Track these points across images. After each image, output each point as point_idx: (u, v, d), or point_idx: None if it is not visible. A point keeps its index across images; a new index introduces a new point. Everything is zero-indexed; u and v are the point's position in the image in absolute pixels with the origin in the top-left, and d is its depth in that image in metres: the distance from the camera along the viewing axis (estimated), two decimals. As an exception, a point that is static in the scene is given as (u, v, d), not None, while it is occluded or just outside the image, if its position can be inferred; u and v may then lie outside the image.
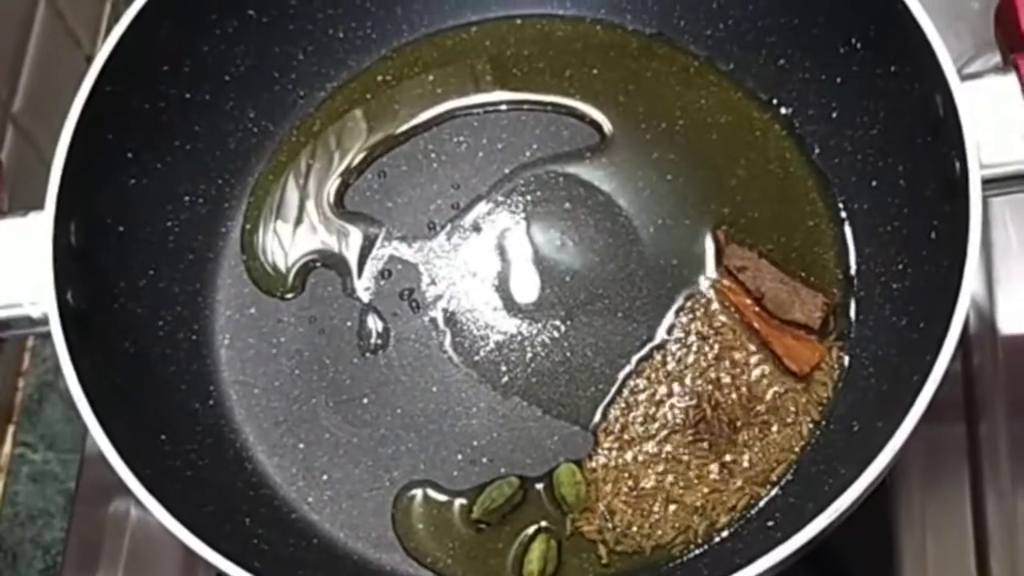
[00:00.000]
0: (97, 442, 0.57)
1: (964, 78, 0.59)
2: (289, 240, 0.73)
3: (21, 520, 0.82)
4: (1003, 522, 0.69)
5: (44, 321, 0.60)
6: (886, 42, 0.64)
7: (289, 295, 0.72)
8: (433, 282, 0.71)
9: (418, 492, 0.66)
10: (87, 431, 0.77)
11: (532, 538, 0.64)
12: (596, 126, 0.74)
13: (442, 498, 0.66)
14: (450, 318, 0.70)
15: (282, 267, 0.72)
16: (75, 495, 0.78)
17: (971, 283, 0.55)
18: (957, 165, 0.58)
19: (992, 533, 0.69)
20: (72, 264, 0.62)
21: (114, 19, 0.89)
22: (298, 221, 0.74)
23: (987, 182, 0.57)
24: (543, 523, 0.64)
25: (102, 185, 0.66)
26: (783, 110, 0.72)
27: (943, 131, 0.59)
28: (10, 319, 0.62)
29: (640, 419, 0.66)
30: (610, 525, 0.64)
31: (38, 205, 0.63)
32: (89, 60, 0.63)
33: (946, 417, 0.71)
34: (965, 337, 0.73)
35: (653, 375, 0.67)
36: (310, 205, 0.74)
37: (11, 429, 0.85)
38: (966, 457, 0.71)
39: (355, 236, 0.73)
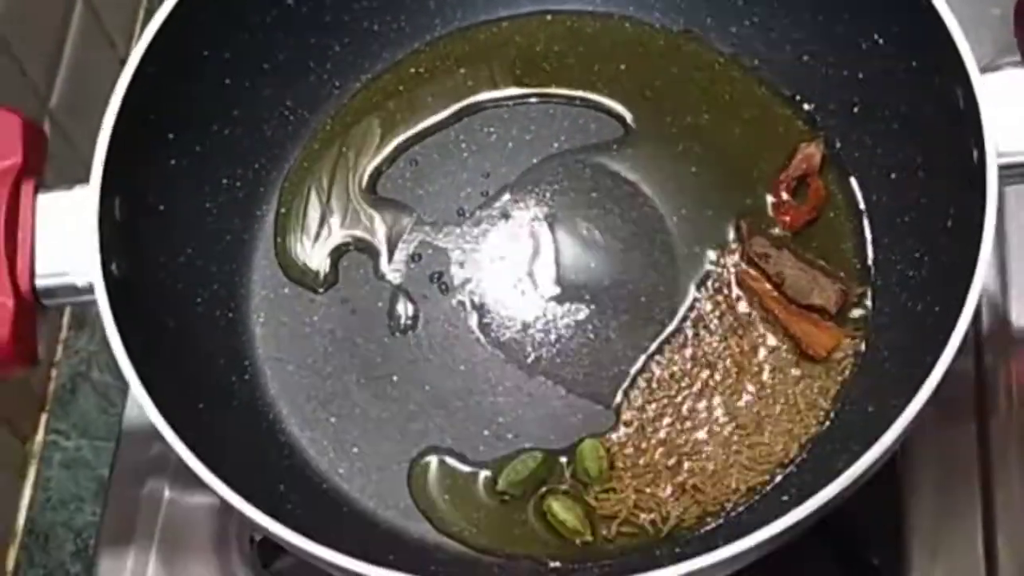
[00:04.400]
0: (141, 404, 0.58)
1: (984, 70, 0.60)
2: (322, 226, 0.74)
3: (53, 504, 0.83)
4: (1011, 515, 0.70)
5: (89, 289, 0.61)
6: (908, 37, 0.65)
7: (320, 289, 0.73)
8: (462, 266, 0.72)
9: (444, 463, 0.67)
10: (120, 419, 0.79)
11: (551, 494, 0.66)
12: (622, 120, 0.75)
13: (468, 470, 0.67)
14: (477, 300, 0.71)
15: (314, 254, 0.74)
16: (110, 475, 0.79)
17: (986, 263, 0.56)
18: (975, 153, 0.59)
19: (1001, 551, 0.70)
20: (116, 236, 0.63)
21: (148, 22, 0.91)
22: (331, 207, 0.75)
23: (1003, 168, 0.58)
24: (564, 487, 0.66)
25: (144, 163, 0.67)
26: (806, 106, 0.74)
27: (962, 122, 0.60)
28: (56, 287, 0.62)
29: (660, 400, 0.67)
30: (628, 501, 0.65)
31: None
32: (123, 62, 0.65)
33: (957, 413, 0.72)
34: (977, 334, 0.75)
35: (674, 357, 0.68)
36: (343, 192, 0.75)
37: (44, 417, 0.86)
38: (976, 453, 0.72)
39: (387, 221, 0.74)
